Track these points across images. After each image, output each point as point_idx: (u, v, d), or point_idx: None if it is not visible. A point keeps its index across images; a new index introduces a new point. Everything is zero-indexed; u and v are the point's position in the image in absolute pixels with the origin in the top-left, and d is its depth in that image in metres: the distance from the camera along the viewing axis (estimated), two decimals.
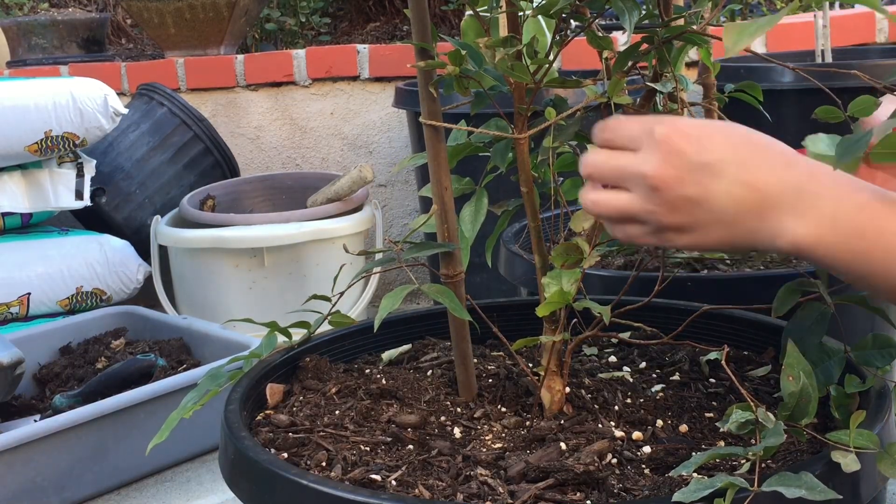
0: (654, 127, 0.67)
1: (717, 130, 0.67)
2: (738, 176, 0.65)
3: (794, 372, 0.74)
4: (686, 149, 0.65)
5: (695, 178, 0.65)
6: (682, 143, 0.65)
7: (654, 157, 0.66)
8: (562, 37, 0.85)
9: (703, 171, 0.65)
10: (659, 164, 0.65)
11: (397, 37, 3.46)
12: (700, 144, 0.65)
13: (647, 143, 0.67)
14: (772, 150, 0.67)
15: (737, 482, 0.63)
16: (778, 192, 0.65)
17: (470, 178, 0.93)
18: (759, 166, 0.65)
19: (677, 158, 0.65)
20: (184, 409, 0.84)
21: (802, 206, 0.64)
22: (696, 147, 0.65)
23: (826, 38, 1.97)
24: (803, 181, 0.65)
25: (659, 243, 0.69)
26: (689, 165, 0.65)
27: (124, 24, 4.04)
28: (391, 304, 0.79)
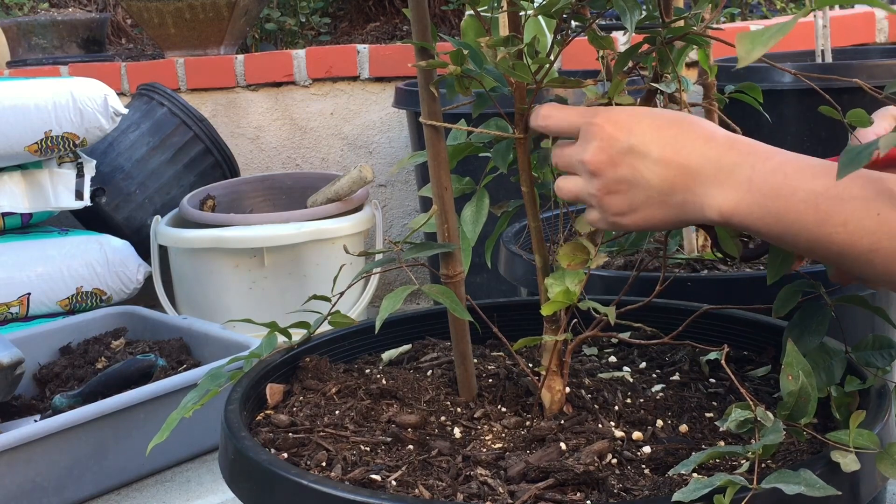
0: (590, 118, 0.74)
1: (645, 115, 0.73)
2: (663, 154, 0.71)
3: (793, 371, 0.74)
4: (616, 134, 0.72)
5: (625, 160, 0.72)
6: (613, 129, 0.72)
7: (590, 145, 0.73)
8: (563, 36, 0.85)
9: (631, 154, 0.71)
10: (594, 150, 0.73)
11: (397, 37, 3.46)
12: (628, 129, 0.72)
13: (583, 132, 0.74)
14: (694, 128, 0.72)
15: (736, 480, 0.63)
16: (698, 166, 0.70)
17: (470, 178, 0.93)
18: (682, 143, 0.71)
19: (608, 144, 0.72)
20: (184, 408, 0.84)
21: (722, 176, 0.69)
22: (624, 132, 0.72)
23: (826, 38, 1.97)
24: (722, 152, 0.70)
25: (611, 227, 0.76)
26: (618, 149, 0.72)
27: (124, 24, 4.04)
28: (392, 305, 0.79)
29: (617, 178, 0.72)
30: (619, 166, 0.72)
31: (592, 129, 0.73)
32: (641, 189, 0.72)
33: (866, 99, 0.84)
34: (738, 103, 1.11)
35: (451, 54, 0.82)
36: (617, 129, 0.72)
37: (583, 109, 0.76)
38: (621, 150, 0.72)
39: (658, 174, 0.71)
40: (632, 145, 0.72)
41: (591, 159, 0.73)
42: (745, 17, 2.98)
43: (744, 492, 0.63)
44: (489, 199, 0.91)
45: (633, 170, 0.71)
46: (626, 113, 0.74)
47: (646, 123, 0.72)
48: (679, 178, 0.71)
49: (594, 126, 0.73)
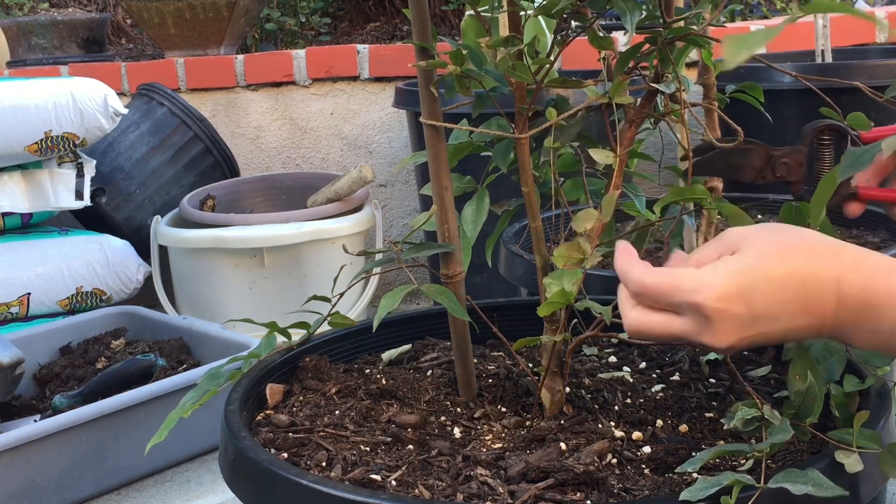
0: (691, 300, 0.66)
1: (756, 274, 0.67)
2: (794, 314, 0.67)
3: (800, 371, 0.74)
4: (736, 311, 0.66)
5: (756, 330, 0.67)
6: (729, 307, 0.66)
7: (711, 329, 0.67)
8: (563, 37, 0.85)
9: (758, 322, 0.66)
10: (717, 336, 0.67)
11: (397, 37, 3.46)
12: (746, 299, 0.66)
13: (695, 316, 0.67)
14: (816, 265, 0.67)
15: (743, 479, 0.63)
16: (833, 316, 0.67)
17: (471, 177, 0.93)
18: (810, 295, 0.67)
19: (731, 324, 0.66)
20: (183, 408, 0.84)
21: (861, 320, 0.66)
22: (744, 304, 0.66)
23: (826, 38, 1.97)
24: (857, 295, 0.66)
25: None
26: (744, 323, 0.66)
27: (124, 24, 4.04)
28: (390, 304, 0.79)
29: (748, 343, 0.68)
30: (751, 337, 0.67)
31: (705, 314, 0.66)
32: (772, 341, 0.69)
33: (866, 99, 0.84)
34: (739, 103, 1.11)
35: (451, 54, 0.82)
36: (732, 303, 0.66)
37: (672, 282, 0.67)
38: (745, 324, 0.66)
39: (793, 330, 0.67)
40: (756, 316, 0.66)
41: (717, 344, 0.67)
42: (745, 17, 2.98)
43: (748, 490, 0.63)
44: (489, 198, 0.91)
45: (763, 336, 0.67)
46: (733, 283, 0.66)
47: (761, 285, 0.66)
48: (814, 328, 0.68)
49: (705, 310, 0.66)
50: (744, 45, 0.54)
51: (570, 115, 0.85)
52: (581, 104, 0.85)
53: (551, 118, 0.86)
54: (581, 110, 0.85)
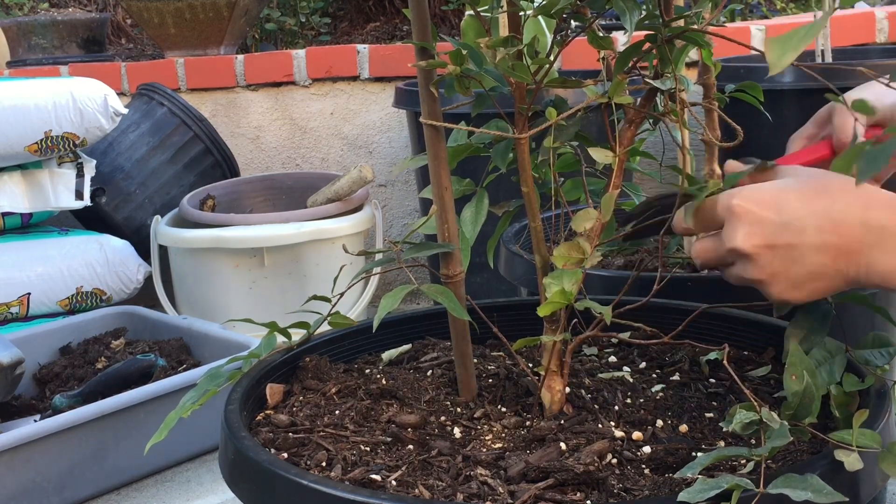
0: (730, 201, 0.71)
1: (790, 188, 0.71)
2: (820, 228, 0.69)
3: (797, 371, 0.74)
4: (766, 215, 0.70)
5: (781, 240, 0.70)
6: (759, 209, 0.70)
7: (738, 231, 0.71)
8: (562, 37, 0.85)
9: (786, 232, 0.69)
10: (744, 235, 0.71)
11: (397, 37, 3.46)
12: (776, 206, 0.70)
13: (727, 218, 0.72)
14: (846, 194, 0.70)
15: (742, 483, 0.63)
16: (861, 236, 0.69)
17: (470, 179, 0.93)
18: (839, 213, 0.69)
19: (760, 226, 0.70)
20: (182, 408, 0.84)
21: (886, 243, 0.69)
22: (773, 210, 0.70)
23: (826, 38, 1.97)
24: (884, 219, 0.69)
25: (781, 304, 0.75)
26: (772, 229, 0.70)
27: (124, 24, 4.04)
28: (390, 304, 0.79)
29: (776, 258, 0.70)
30: (777, 248, 0.70)
31: (736, 213, 0.71)
32: (803, 266, 0.70)
33: None
34: (739, 103, 1.11)
35: (450, 54, 0.82)
36: (763, 208, 0.70)
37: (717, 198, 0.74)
38: (775, 230, 0.70)
39: (818, 249, 0.70)
40: (785, 223, 0.70)
41: (744, 245, 0.71)
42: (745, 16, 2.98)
43: (749, 493, 0.63)
44: (489, 198, 0.91)
45: (791, 250, 0.70)
46: (768, 190, 0.71)
47: (793, 197, 0.70)
48: (841, 251, 0.69)
49: (737, 209, 0.71)
50: (789, 44, 0.53)
51: (569, 115, 0.85)
52: (580, 104, 0.85)
53: (551, 118, 0.86)
54: (580, 110, 0.85)
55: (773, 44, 0.54)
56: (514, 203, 0.95)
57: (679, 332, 0.85)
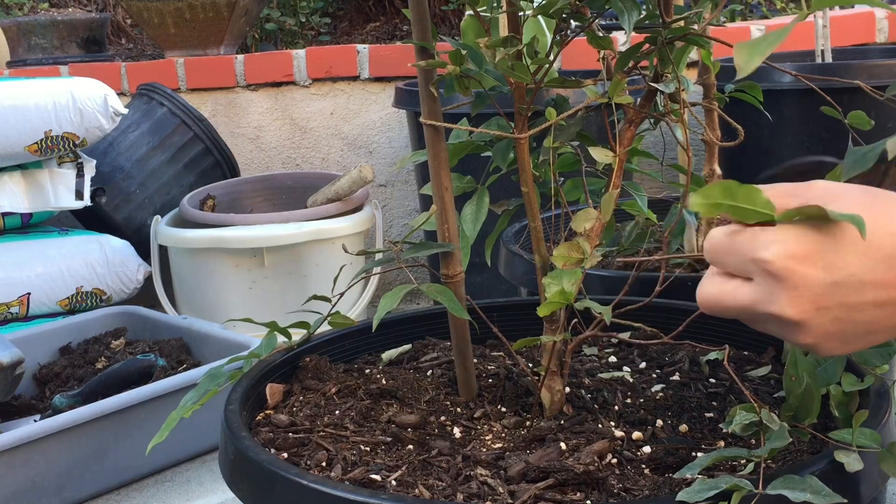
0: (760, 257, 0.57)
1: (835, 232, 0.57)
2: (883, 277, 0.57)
3: (797, 372, 0.74)
4: (813, 274, 0.57)
5: (835, 302, 0.57)
6: (805, 269, 0.57)
7: (779, 295, 0.57)
8: (562, 37, 0.85)
9: (840, 290, 0.57)
10: (789, 301, 0.57)
11: (397, 37, 3.46)
12: (825, 262, 0.57)
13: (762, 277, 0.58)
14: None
15: (742, 484, 0.63)
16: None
17: (471, 177, 0.93)
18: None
19: (805, 290, 0.57)
20: (183, 408, 0.84)
21: None
22: (822, 268, 0.57)
23: (826, 38, 1.97)
24: None
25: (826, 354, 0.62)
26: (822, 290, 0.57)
27: (124, 24, 4.04)
28: (390, 304, 0.79)
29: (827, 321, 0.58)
30: (829, 309, 0.57)
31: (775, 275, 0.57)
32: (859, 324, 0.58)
33: (866, 99, 0.84)
34: (739, 103, 1.11)
35: (450, 54, 0.82)
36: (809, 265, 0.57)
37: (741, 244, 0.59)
38: (825, 292, 0.57)
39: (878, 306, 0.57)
40: (836, 281, 0.57)
41: (788, 313, 0.57)
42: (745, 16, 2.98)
43: (748, 494, 0.63)
44: (489, 197, 0.91)
45: (846, 310, 0.57)
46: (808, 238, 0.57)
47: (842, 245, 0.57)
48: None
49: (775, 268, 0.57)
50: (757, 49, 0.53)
51: (569, 114, 0.85)
52: (581, 104, 0.85)
53: (551, 118, 0.86)
54: (580, 110, 0.85)
55: (742, 48, 0.54)
56: (514, 202, 0.95)
57: (679, 332, 0.85)
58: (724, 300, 0.60)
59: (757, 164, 1.86)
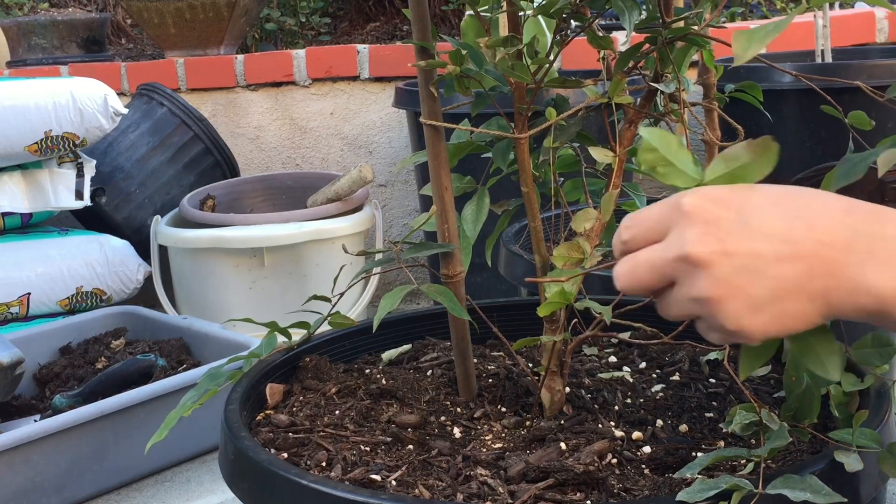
0: (679, 199, 0.56)
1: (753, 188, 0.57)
2: (793, 232, 0.54)
3: (797, 372, 0.74)
4: (722, 215, 0.55)
5: (742, 246, 0.54)
6: (717, 208, 0.55)
7: (687, 233, 0.55)
8: (562, 37, 0.85)
9: (749, 234, 0.54)
10: (698, 237, 0.55)
11: (397, 37, 3.46)
12: (736, 204, 0.55)
13: (675, 221, 0.56)
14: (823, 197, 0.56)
15: (742, 484, 0.63)
16: (846, 242, 0.54)
17: (471, 178, 0.93)
18: (815, 215, 0.55)
19: (715, 228, 0.54)
20: (183, 408, 0.84)
21: (876, 251, 0.53)
22: (733, 209, 0.55)
23: (826, 37, 1.97)
24: (870, 222, 0.54)
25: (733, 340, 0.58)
26: (731, 233, 0.54)
27: (124, 24, 4.04)
28: (390, 304, 0.79)
29: (733, 269, 0.54)
30: (736, 255, 0.54)
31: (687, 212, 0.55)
32: (768, 279, 0.54)
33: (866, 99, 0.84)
34: (739, 103, 1.11)
35: (450, 54, 0.82)
36: (720, 206, 0.55)
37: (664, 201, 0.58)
38: (734, 232, 0.54)
39: (789, 256, 0.54)
40: (747, 223, 0.54)
41: (695, 249, 0.54)
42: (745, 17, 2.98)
43: (748, 494, 0.63)
44: (489, 198, 0.91)
45: (753, 258, 0.54)
46: (724, 189, 0.56)
47: (758, 195, 0.56)
48: (820, 259, 0.53)
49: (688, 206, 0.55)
50: (754, 39, 0.53)
51: (569, 114, 0.85)
52: (581, 104, 0.85)
53: (551, 118, 0.86)
54: (580, 110, 0.85)
55: (740, 36, 0.54)
56: (514, 202, 0.95)
57: (679, 332, 0.85)
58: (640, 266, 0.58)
59: None
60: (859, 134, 0.85)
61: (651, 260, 0.57)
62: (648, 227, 0.58)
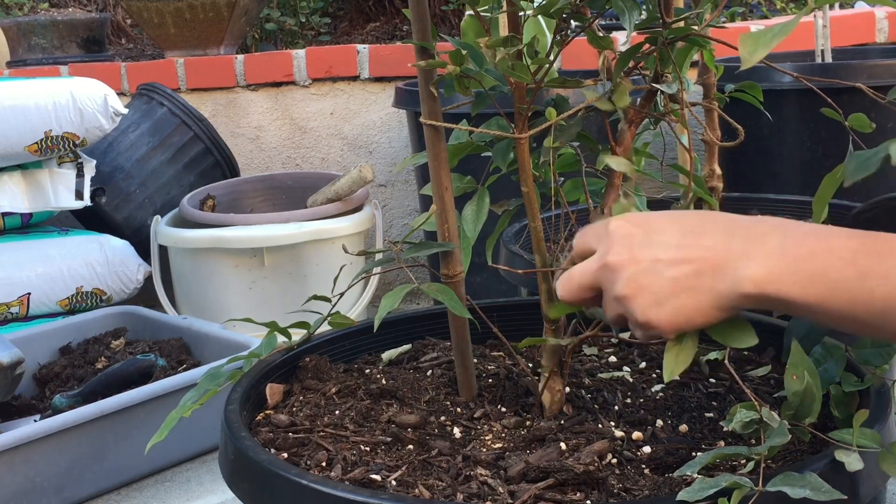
0: (608, 222, 0.71)
1: (664, 214, 0.71)
2: (684, 241, 0.67)
3: (798, 371, 0.74)
4: (632, 231, 0.69)
5: (646, 255, 0.68)
6: (629, 227, 0.70)
7: (610, 249, 0.70)
8: (562, 37, 0.85)
9: (651, 244, 0.68)
10: (614, 252, 0.69)
11: (397, 37, 3.46)
12: (646, 224, 0.70)
13: (601, 239, 0.71)
14: (714, 215, 0.70)
15: (741, 482, 0.63)
16: (725, 244, 0.66)
17: (471, 178, 0.93)
18: (704, 228, 0.68)
19: (627, 241, 0.69)
20: (183, 408, 0.84)
21: (752, 248, 0.65)
22: (642, 228, 0.69)
23: (826, 37, 1.97)
24: (749, 226, 0.67)
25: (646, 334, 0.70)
26: (638, 245, 0.69)
27: (124, 24, 4.04)
28: (390, 304, 0.79)
29: (639, 271, 0.68)
30: (640, 261, 0.68)
31: (609, 234, 0.71)
32: (665, 279, 0.67)
33: (866, 99, 0.84)
34: (739, 103, 1.11)
35: (450, 54, 0.82)
36: (633, 226, 0.70)
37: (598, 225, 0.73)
38: (640, 244, 0.68)
39: (681, 259, 0.67)
40: (650, 238, 0.69)
41: (611, 260, 0.69)
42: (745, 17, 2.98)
43: (748, 492, 0.63)
44: (490, 197, 0.91)
45: (654, 261, 0.68)
46: (640, 214, 0.72)
47: (663, 217, 0.70)
48: (705, 260, 0.66)
49: (609, 230, 0.71)
50: (760, 42, 0.53)
51: (569, 114, 0.85)
52: (581, 104, 0.85)
53: (551, 118, 0.86)
54: (581, 110, 0.85)
55: (747, 39, 0.54)
56: (514, 202, 0.95)
57: None
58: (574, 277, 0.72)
59: (757, 164, 1.86)
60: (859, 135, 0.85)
61: (583, 271, 0.72)
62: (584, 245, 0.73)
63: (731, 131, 0.94)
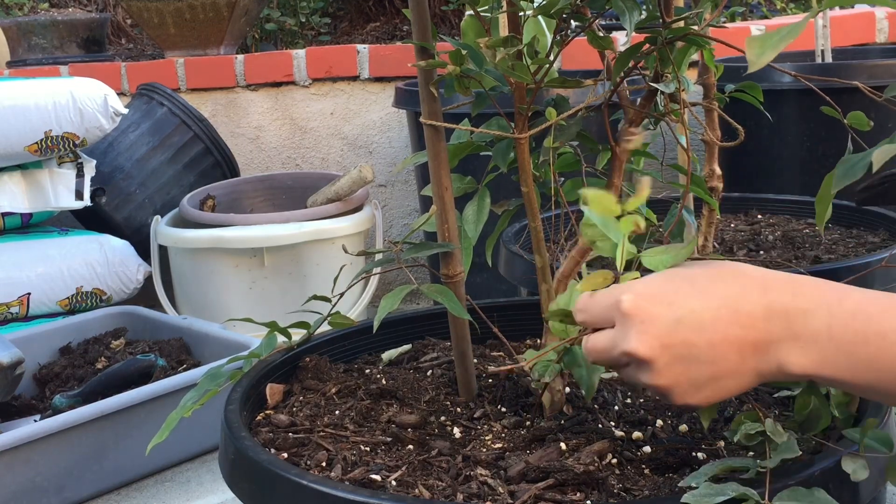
0: (618, 299, 0.64)
1: (679, 278, 0.64)
2: (719, 317, 0.61)
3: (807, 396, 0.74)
4: (658, 311, 0.62)
5: (678, 339, 0.62)
6: (651, 305, 0.62)
7: (629, 332, 0.63)
8: (562, 37, 0.85)
9: (682, 327, 0.61)
10: (636, 337, 0.62)
11: (397, 37, 3.46)
12: (667, 301, 0.62)
13: (617, 318, 0.64)
14: (741, 279, 0.64)
15: (749, 494, 0.62)
16: (766, 323, 0.61)
17: (471, 178, 0.93)
18: (736, 301, 0.62)
19: (651, 325, 0.62)
20: (183, 408, 0.84)
21: (796, 329, 0.61)
22: (664, 305, 0.62)
23: (826, 38, 1.97)
24: (787, 301, 0.62)
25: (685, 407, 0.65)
26: (666, 326, 0.62)
27: (124, 24, 4.04)
28: (390, 305, 0.79)
29: (672, 358, 0.62)
30: (673, 347, 0.61)
31: (625, 312, 0.63)
32: (703, 364, 0.62)
33: (866, 99, 0.84)
34: (739, 103, 1.11)
35: (450, 54, 0.82)
36: (653, 302, 0.62)
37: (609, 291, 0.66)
38: (669, 327, 0.61)
39: (720, 344, 0.61)
40: (678, 318, 0.61)
41: (637, 348, 0.62)
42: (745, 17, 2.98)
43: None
44: (490, 198, 0.91)
45: (688, 347, 0.61)
46: (656, 283, 0.64)
47: (685, 287, 0.63)
48: (747, 343, 0.61)
49: (625, 306, 0.63)
50: (767, 45, 0.53)
51: (569, 114, 0.85)
52: (580, 104, 0.85)
53: (551, 118, 0.86)
54: (580, 110, 0.85)
55: (754, 42, 0.54)
56: (514, 202, 0.95)
57: None
58: (592, 348, 0.66)
59: (757, 164, 1.86)
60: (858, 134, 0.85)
61: (602, 351, 0.66)
62: (597, 316, 0.66)
63: (731, 131, 0.95)
